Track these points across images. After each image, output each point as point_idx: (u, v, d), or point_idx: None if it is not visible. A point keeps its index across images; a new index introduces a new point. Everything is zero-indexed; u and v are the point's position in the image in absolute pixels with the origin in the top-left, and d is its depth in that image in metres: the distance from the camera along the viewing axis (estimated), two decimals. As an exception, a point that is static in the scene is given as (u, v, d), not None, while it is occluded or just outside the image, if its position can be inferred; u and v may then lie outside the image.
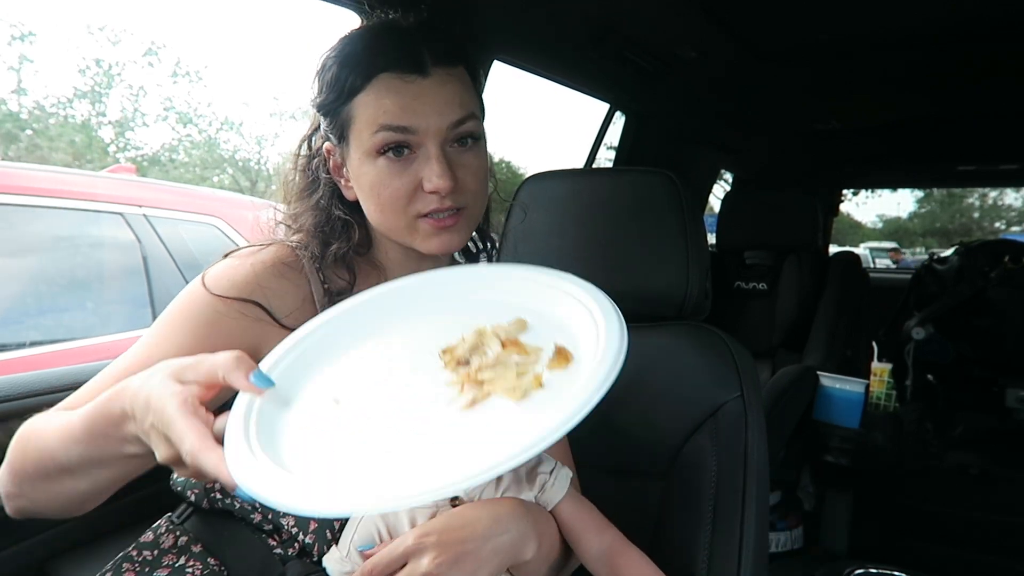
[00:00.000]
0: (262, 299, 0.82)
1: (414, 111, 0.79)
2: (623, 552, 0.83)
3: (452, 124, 0.81)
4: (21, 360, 2.39)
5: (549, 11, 1.58)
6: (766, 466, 0.97)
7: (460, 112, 0.81)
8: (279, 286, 0.83)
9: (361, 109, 0.81)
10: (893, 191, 25.91)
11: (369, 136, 0.80)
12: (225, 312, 0.80)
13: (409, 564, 0.70)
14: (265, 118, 26.98)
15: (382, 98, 0.79)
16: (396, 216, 0.83)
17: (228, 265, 0.84)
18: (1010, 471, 2.66)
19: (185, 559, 0.82)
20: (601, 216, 1.11)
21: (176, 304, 0.83)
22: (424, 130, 0.80)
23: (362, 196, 0.85)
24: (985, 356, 2.84)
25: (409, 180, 0.81)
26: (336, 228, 0.88)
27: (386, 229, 0.86)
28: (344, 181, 0.88)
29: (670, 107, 2.47)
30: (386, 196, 0.82)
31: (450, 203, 0.82)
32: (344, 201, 0.89)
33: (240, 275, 0.82)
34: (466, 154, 0.84)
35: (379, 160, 0.81)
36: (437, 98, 0.80)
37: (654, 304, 1.07)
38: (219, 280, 0.82)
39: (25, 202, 2.59)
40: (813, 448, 2.25)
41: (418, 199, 0.82)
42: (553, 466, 0.83)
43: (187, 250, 2.97)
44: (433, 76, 0.80)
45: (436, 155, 0.80)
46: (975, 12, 1.61)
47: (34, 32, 14.08)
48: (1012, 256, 2.76)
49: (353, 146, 0.83)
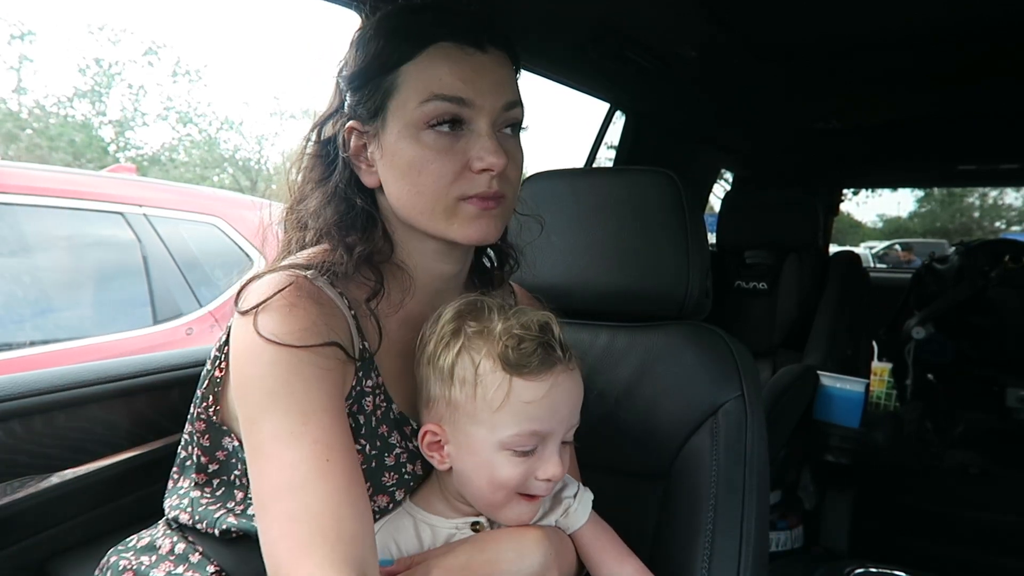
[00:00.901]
0: (336, 339, 0.73)
1: (473, 83, 0.74)
2: None
3: (506, 105, 0.77)
4: (21, 360, 2.39)
5: (549, 10, 1.58)
6: (766, 465, 0.97)
7: (512, 95, 0.78)
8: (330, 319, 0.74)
9: (410, 78, 0.74)
10: (893, 191, 25.90)
11: (416, 106, 0.74)
12: (323, 363, 0.70)
13: None
14: (265, 117, 26.99)
15: (438, 66, 0.74)
16: (436, 198, 0.75)
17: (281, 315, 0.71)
18: (1010, 470, 2.66)
19: (183, 568, 0.81)
20: (601, 215, 1.10)
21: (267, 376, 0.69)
22: (480, 106, 0.75)
23: (394, 177, 0.77)
24: (985, 355, 2.84)
25: (457, 158, 0.75)
26: (355, 221, 0.79)
27: (418, 214, 0.78)
28: (365, 165, 0.80)
29: (670, 106, 2.47)
30: (429, 173, 0.74)
31: (496, 187, 0.76)
32: (363, 189, 0.81)
33: (304, 321, 0.71)
34: (512, 141, 0.80)
35: (424, 134, 0.74)
36: (495, 75, 0.76)
37: (654, 303, 1.07)
38: (289, 333, 0.69)
39: (25, 202, 2.59)
40: (813, 447, 2.25)
41: (464, 179, 0.75)
42: (577, 489, 0.83)
43: (187, 249, 2.98)
44: (490, 54, 0.76)
45: (488, 132, 0.75)
46: (975, 12, 1.61)
47: (34, 31, 14.07)
48: (1012, 255, 2.76)
49: (392, 120, 0.75)
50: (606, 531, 0.84)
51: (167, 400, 1.23)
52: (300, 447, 0.66)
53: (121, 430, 1.17)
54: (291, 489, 0.65)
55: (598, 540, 0.83)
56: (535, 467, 0.74)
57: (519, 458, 0.73)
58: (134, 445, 1.18)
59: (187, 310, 2.89)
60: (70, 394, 1.09)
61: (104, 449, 1.14)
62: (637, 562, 0.83)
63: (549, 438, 0.74)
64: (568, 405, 0.75)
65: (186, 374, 1.26)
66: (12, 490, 1.01)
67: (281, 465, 0.66)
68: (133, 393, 1.19)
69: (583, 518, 0.82)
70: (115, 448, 1.15)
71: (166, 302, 2.85)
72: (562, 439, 0.76)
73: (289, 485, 0.66)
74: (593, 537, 0.82)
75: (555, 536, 0.78)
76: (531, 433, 0.72)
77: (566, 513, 0.81)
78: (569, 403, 0.76)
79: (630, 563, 0.83)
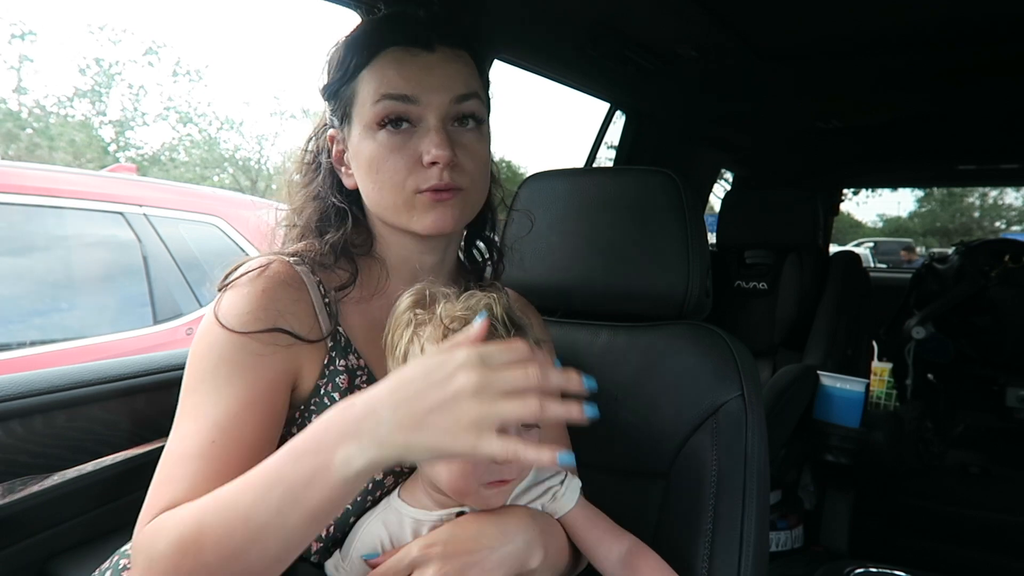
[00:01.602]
0: (285, 323, 0.77)
1: (417, 81, 0.79)
2: (643, 555, 0.83)
3: (455, 99, 0.80)
4: (21, 359, 2.39)
5: (549, 10, 1.58)
6: (766, 465, 0.97)
7: (463, 88, 0.81)
8: (291, 303, 0.79)
9: (364, 84, 0.81)
10: (894, 190, 25.90)
11: (370, 107, 0.80)
12: (258, 349, 0.75)
13: (414, 574, 0.70)
14: (265, 117, 27.03)
15: (386, 69, 0.79)
16: (394, 192, 0.81)
17: (235, 297, 0.78)
18: (1010, 470, 2.67)
19: None
20: (602, 215, 1.10)
21: (205, 356, 0.76)
22: (426, 102, 0.79)
23: (361, 175, 0.84)
24: (985, 355, 2.84)
25: (408, 154, 0.80)
26: (330, 217, 0.87)
27: (383, 209, 0.84)
28: (345, 169, 0.87)
29: (670, 106, 2.47)
30: (386, 170, 0.80)
31: (448, 179, 0.80)
32: (343, 191, 0.88)
33: (253, 304, 0.77)
34: (467, 134, 0.83)
35: (379, 134, 0.80)
36: (442, 72, 0.80)
37: (655, 303, 1.07)
38: (235, 316, 0.76)
39: (25, 201, 2.59)
40: (813, 447, 2.25)
41: (417, 173, 0.80)
42: (564, 476, 0.83)
43: (187, 249, 2.98)
44: (439, 52, 0.81)
45: (436, 127, 0.79)
46: (976, 12, 1.61)
47: (34, 31, 14.09)
48: (1012, 255, 2.77)
49: (355, 123, 0.82)
50: (599, 514, 0.84)
51: (167, 400, 1.23)
52: (198, 424, 0.72)
53: (121, 430, 1.17)
54: (171, 457, 0.71)
55: (590, 522, 0.82)
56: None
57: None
58: (134, 445, 1.18)
59: (187, 310, 2.89)
60: (70, 394, 1.10)
61: (104, 449, 1.14)
62: (633, 537, 0.83)
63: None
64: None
65: (186, 374, 1.26)
66: (12, 490, 1.01)
67: (179, 435, 0.72)
68: (133, 393, 1.19)
69: (571, 503, 0.81)
70: (115, 448, 1.15)
71: (166, 302, 2.85)
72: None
73: (171, 453, 0.71)
74: (585, 519, 0.82)
75: (541, 517, 0.78)
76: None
77: (554, 497, 0.81)
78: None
79: (627, 538, 0.83)
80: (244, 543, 0.61)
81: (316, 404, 0.81)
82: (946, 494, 2.59)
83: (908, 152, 3.33)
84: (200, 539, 0.62)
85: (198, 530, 0.62)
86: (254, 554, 0.61)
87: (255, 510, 0.61)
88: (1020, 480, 2.59)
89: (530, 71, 1.93)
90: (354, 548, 0.77)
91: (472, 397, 0.56)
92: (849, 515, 2.41)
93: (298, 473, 0.60)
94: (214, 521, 0.62)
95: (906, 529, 2.53)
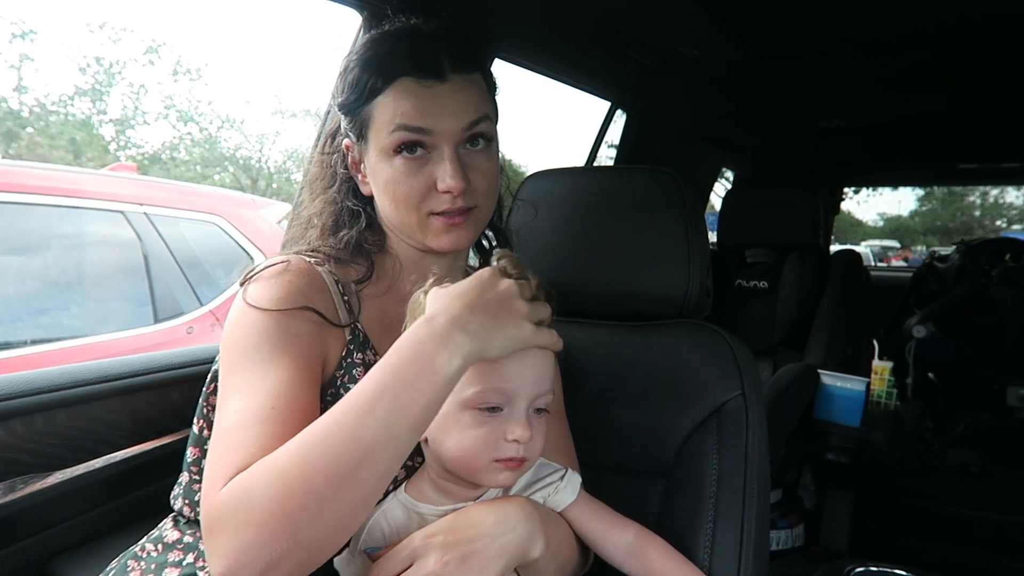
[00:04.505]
0: (313, 304, 0.82)
1: (431, 113, 0.82)
2: (650, 541, 0.84)
3: (466, 126, 0.84)
4: (21, 359, 2.39)
5: (550, 9, 1.58)
6: (767, 464, 0.97)
7: (475, 115, 0.85)
8: (315, 293, 0.84)
9: (380, 110, 0.84)
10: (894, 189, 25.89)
11: (387, 135, 0.83)
12: (295, 328, 0.79)
13: (415, 564, 0.70)
14: (266, 116, 27.03)
15: (401, 100, 0.83)
16: (409, 213, 0.86)
17: (264, 285, 0.81)
18: (1011, 469, 2.66)
19: (193, 557, 0.82)
20: (602, 214, 1.10)
21: (243, 337, 0.78)
22: (440, 132, 0.83)
23: (377, 192, 0.89)
24: (986, 354, 2.84)
25: (423, 179, 0.84)
26: (345, 217, 0.92)
27: (398, 225, 0.89)
28: (361, 176, 0.92)
29: (671, 105, 2.47)
30: (400, 193, 0.85)
31: (461, 203, 0.85)
32: (359, 196, 0.93)
33: (283, 290, 0.81)
34: (478, 155, 0.87)
35: (395, 159, 0.84)
36: (453, 102, 0.84)
37: (655, 302, 1.07)
38: (267, 299, 0.79)
39: (26, 200, 2.59)
40: (814, 446, 2.25)
41: (431, 198, 0.85)
42: (564, 472, 0.83)
43: (188, 248, 2.98)
44: (451, 81, 0.84)
45: (450, 156, 0.83)
46: (977, 11, 1.61)
47: (35, 30, 14.09)
48: (1013, 254, 2.76)
49: (371, 144, 0.86)
50: (601, 506, 0.85)
51: (167, 399, 1.24)
52: (253, 395, 0.73)
53: (122, 429, 1.17)
54: (229, 430, 0.71)
55: (594, 514, 0.83)
56: (503, 428, 0.74)
57: (486, 415, 0.74)
58: (135, 444, 1.18)
59: (188, 309, 2.90)
60: (71, 393, 1.10)
61: (104, 448, 1.14)
62: (638, 525, 0.84)
63: (515, 399, 0.75)
64: (533, 367, 0.76)
65: (186, 373, 1.26)
66: (12, 490, 1.01)
67: (233, 410, 0.73)
68: (134, 392, 1.19)
69: (572, 495, 0.82)
70: (115, 447, 1.15)
71: (167, 301, 2.85)
72: (533, 405, 0.76)
73: (229, 426, 0.71)
74: (588, 512, 0.83)
75: (542, 508, 0.79)
76: (494, 390, 0.74)
77: (556, 490, 0.81)
78: (535, 365, 0.76)
79: (632, 526, 0.84)
80: (354, 464, 0.62)
81: (332, 395, 0.82)
82: (946, 494, 2.58)
83: (909, 151, 3.32)
84: (307, 472, 0.61)
85: (302, 463, 0.62)
86: (364, 474, 0.62)
87: (362, 426, 0.63)
88: (1020, 480, 2.59)
89: (531, 70, 1.93)
90: (361, 543, 0.77)
91: (518, 296, 0.72)
92: (849, 514, 2.41)
93: (404, 381, 0.65)
94: (318, 451, 0.63)
95: (906, 529, 2.53)
